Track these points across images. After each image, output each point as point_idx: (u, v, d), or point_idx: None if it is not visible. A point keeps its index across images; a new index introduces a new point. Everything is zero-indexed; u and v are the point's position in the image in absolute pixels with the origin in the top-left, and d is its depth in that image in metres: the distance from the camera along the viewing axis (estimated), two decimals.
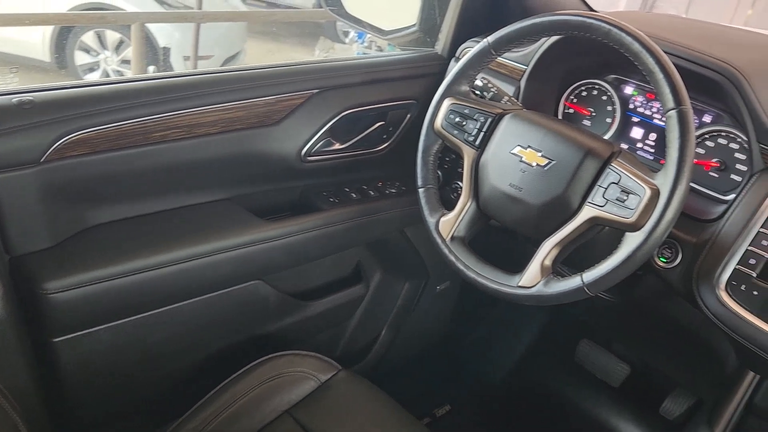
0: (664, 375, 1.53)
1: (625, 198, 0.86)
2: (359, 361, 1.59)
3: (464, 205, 1.03)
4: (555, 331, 1.81)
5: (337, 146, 1.29)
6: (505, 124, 1.00)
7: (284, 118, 1.18)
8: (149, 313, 1.08)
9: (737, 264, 0.90)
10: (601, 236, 0.98)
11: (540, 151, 0.95)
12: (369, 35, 4.86)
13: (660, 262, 1.01)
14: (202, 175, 1.15)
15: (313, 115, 1.21)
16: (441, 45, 1.40)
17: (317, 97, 1.21)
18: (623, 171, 0.88)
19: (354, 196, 1.34)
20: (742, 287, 0.89)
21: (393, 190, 1.40)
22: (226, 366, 1.12)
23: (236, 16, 4.44)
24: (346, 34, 5.72)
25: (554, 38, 1.18)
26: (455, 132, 1.04)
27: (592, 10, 1.35)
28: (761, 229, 0.90)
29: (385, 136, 1.35)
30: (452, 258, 1.02)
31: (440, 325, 1.79)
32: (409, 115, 1.36)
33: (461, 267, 1.01)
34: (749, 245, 0.90)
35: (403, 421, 1.08)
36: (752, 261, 0.89)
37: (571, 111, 1.28)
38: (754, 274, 0.89)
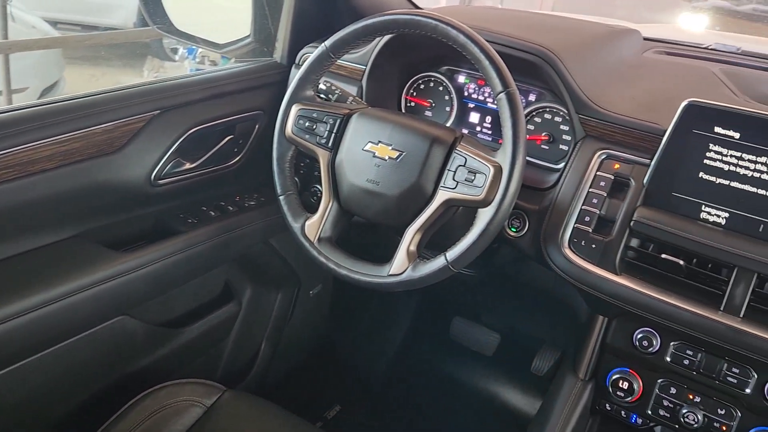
0: (530, 336, 1.66)
1: (473, 178, 0.93)
2: (243, 379, 1.56)
3: (326, 205, 1.05)
4: (428, 314, 1.90)
5: (188, 166, 1.25)
6: (354, 123, 1.04)
7: (126, 144, 1.13)
8: (11, 367, 0.99)
9: (575, 223, 1.01)
10: (458, 216, 1.05)
11: (390, 145, 1.00)
12: (201, 50, 4.73)
13: (511, 232, 1.10)
14: (46, 214, 1.07)
15: (156, 137, 1.17)
16: (279, 53, 1.41)
17: (159, 118, 1.17)
18: (468, 153, 0.95)
19: (213, 213, 1.31)
20: (582, 242, 1.00)
21: (252, 203, 1.38)
22: (105, 408, 1.05)
23: (49, 43, 4.10)
24: (174, 51, 5.50)
25: (387, 37, 1.23)
26: (307, 136, 1.06)
27: (417, 7, 1.43)
28: (590, 190, 1.02)
29: (236, 150, 1.34)
30: (322, 259, 1.04)
31: (319, 328, 1.81)
32: (257, 126, 1.35)
33: (333, 266, 1.03)
34: (582, 205, 1.01)
35: (298, 429, 1.09)
36: (587, 218, 1.00)
37: (413, 104, 1.35)
38: (590, 230, 1.00)
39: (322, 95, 1.16)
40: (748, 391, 0.97)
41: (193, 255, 1.23)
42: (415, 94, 1.35)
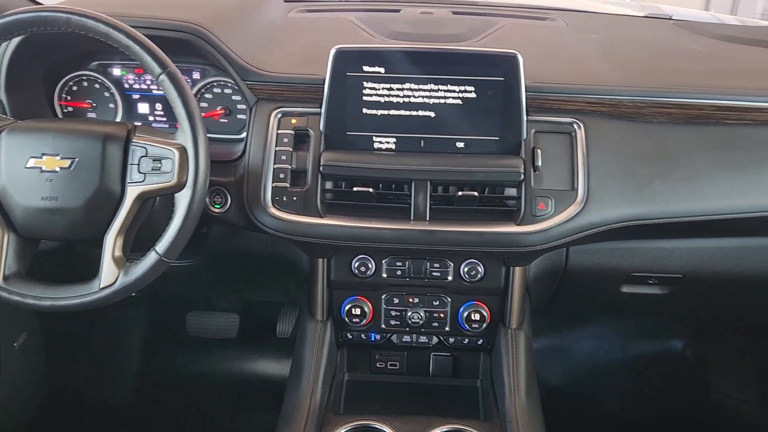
0: (268, 304, 1.70)
1: (159, 165, 0.90)
2: None
3: (1, 239, 0.92)
4: (161, 320, 1.81)
5: None
6: (5, 142, 0.92)
7: None
8: None
9: (272, 182, 1.06)
10: (157, 208, 1.01)
11: (58, 155, 0.91)
12: None
13: (215, 209, 1.11)
14: None
15: None
16: None
17: None
18: (147, 143, 0.92)
19: None
20: (284, 198, 1.05)
21: None
22: None
23: None
24: None
25: (16, 41, 1.10)
26: None
27: (38, 4, 1.29)
28: (276, 149, 1.07)
29: None
30: (17, 298, 0.92)
31: (41, 380, 1.60)
32: None
33: (32, 301, 0.92)
34: (273, 164, 1.06)
35: None
36: (281, 175, 1.06)
37: (71, 109, 1.24)
38: (288, 185, 1.06)
39: None
40: (450, 279, 1.15)
41: None
42: (69, 98, 1.24)
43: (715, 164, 1.08)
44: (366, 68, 1.05)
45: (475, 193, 1.04)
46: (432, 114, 1.06)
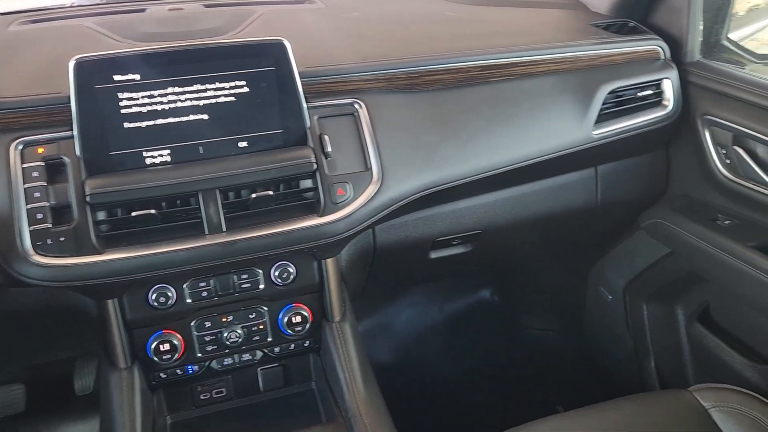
0: (62, 362, 1.47)
1: None
2: None
3: None
4: None
5: None
6: None
7: None
8: None
9: (29, 226, 0.89)
10: None
11: None
12: None
13: None
14: None
15: None
16: None
17: None
18: None
19: None
20: (49, 241, 0.89)
21: None
22: None
23: None
24: None
25: None
26: None
27: None
28: (26, 186, 0.90)
29: None
30: None
31: None
32: None
33: None
34: (26, 205, 0.89)
35: None
36: (39, 216, 0.89)
37: None
38: (50, 225, 0.89)
39: None
40: (262, 286, 1.07)
41: None
42: None
43: (490, 121, 1.13)
44: (117, 77, 0.92)
45: (270, 192, 0.97)
46: (205, 116, 0.97)
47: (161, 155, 0.95)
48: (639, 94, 1.25)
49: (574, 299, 1.78)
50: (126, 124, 0.93)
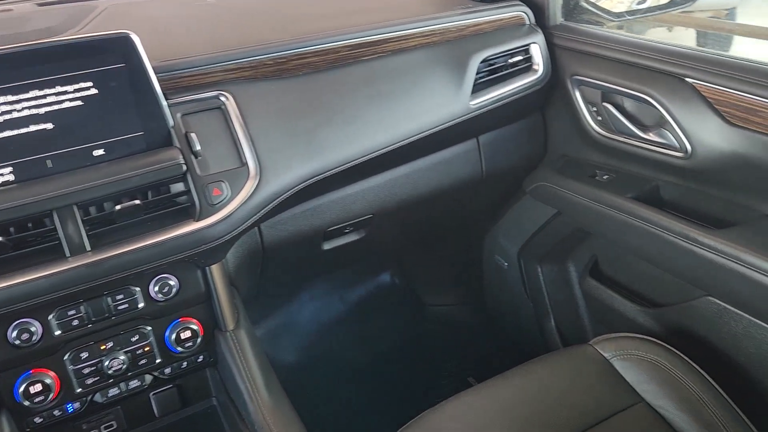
0: None
1: None
2: None
3: None
4: None
5: None
6: None
7: None
8: None
9: None
10: None
11: None
12: None
13: None
14: None
15: None
16: None
17: None
18: None
19: None
20: None
21: None
22: None
23: None
24: None
25: None
26: None
27: None
28: None
29: None
30: None
31: None
32: None
33: None
34: None
35: None
36: None
37: None
38: None
39: None
40: (141, 305, 0.98)
41: None
42: None
43: (367, 101, 1.09)
44: None
45: (138, 201, 0.88)
46: (50, 125, 0.86)
47: (2, 174, 0.83)
48: (510, 61, 1.26)
49: (473, 271, 1.80)
50: None
